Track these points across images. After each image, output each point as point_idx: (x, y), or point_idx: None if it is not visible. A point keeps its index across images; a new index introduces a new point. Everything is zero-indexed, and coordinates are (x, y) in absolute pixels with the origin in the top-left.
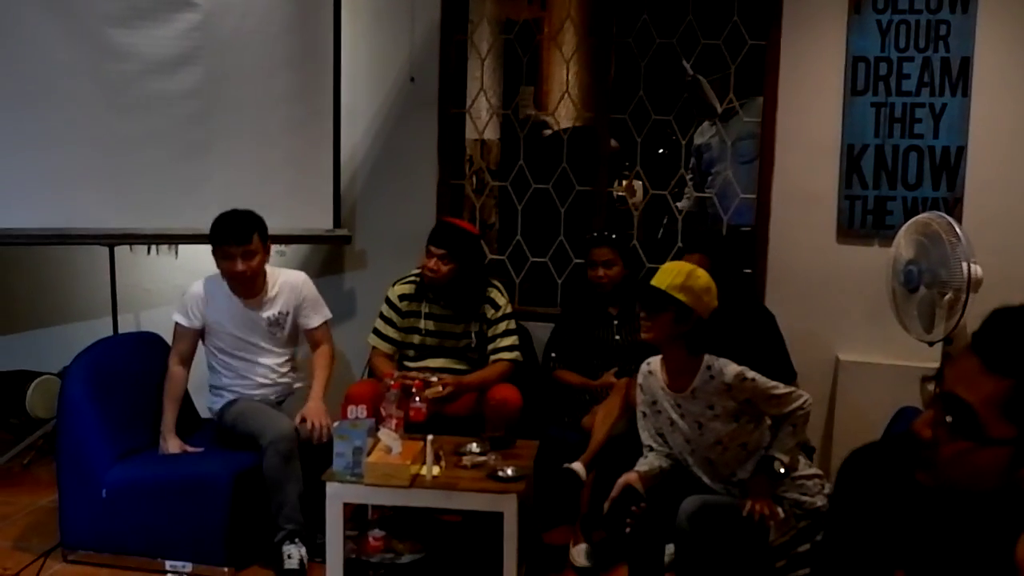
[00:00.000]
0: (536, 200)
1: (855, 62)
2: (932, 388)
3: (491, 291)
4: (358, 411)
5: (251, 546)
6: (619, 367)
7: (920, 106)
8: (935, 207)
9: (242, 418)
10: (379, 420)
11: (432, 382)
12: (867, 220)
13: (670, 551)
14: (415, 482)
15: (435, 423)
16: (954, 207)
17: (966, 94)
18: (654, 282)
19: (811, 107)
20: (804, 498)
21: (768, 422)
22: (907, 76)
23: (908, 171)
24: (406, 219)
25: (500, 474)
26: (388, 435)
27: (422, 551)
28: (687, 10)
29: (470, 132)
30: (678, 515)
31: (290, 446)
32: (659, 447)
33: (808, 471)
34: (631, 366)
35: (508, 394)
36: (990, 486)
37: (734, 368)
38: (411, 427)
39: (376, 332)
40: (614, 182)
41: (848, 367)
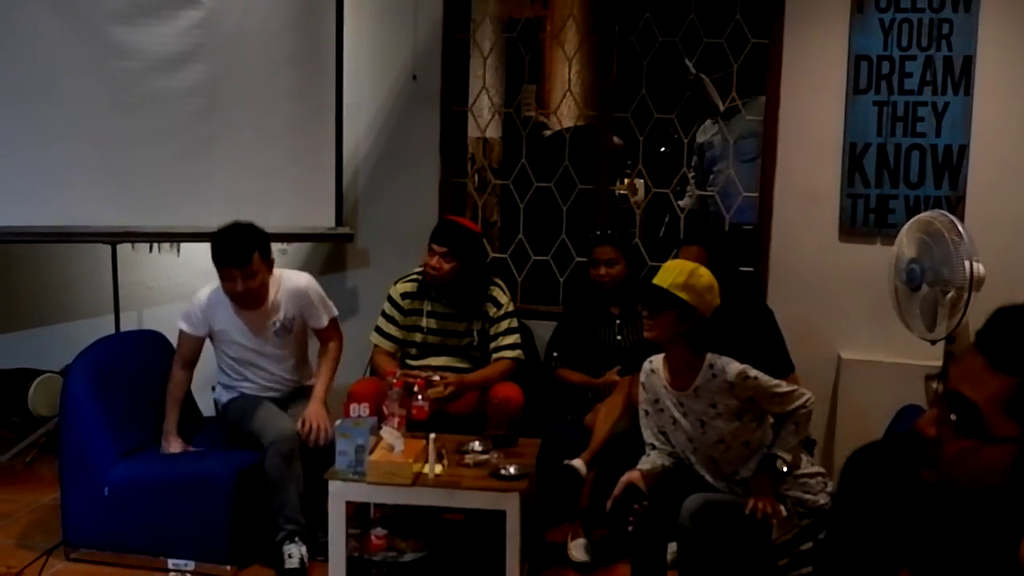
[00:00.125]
0: (538, 198)
1: (857, 60)
2: (936, 386)
3: (493, 289)
4: (360, 409)
5: (253, 544)
6: (621, 366)
7: (922, 105)
8: (937, 206)
9: (246, 416)
10: (381, 418)
11: (434, 381)
12: (869, 219)
13: (673, 549)
14: (417, 480)
15: (437, 421)
16: (956, 206)
17: (968, 93)
18: (656, 281)
19: (813, 106)
20: (807, 496)
21: (771, 420)
22: (909, 75)
23: (910, 170)
24: (408, 217)
25: (502, 472)
26: (390, 433)
27: (424, 550)
28: (689, 9)
29: (472, 130)
30: (681, 513)
31: (291, 447)
32: (661, 445)
33: (811, 469)
34: (633, 365)
35: (510, 392)
36: (994, 484)
37: (736, 367)
38: (413, 425)
39: (378, 330)
40: (616, 180)
41: (850, 365)
